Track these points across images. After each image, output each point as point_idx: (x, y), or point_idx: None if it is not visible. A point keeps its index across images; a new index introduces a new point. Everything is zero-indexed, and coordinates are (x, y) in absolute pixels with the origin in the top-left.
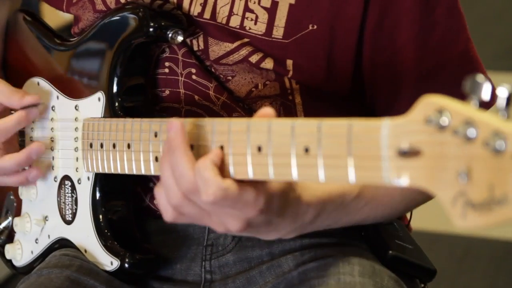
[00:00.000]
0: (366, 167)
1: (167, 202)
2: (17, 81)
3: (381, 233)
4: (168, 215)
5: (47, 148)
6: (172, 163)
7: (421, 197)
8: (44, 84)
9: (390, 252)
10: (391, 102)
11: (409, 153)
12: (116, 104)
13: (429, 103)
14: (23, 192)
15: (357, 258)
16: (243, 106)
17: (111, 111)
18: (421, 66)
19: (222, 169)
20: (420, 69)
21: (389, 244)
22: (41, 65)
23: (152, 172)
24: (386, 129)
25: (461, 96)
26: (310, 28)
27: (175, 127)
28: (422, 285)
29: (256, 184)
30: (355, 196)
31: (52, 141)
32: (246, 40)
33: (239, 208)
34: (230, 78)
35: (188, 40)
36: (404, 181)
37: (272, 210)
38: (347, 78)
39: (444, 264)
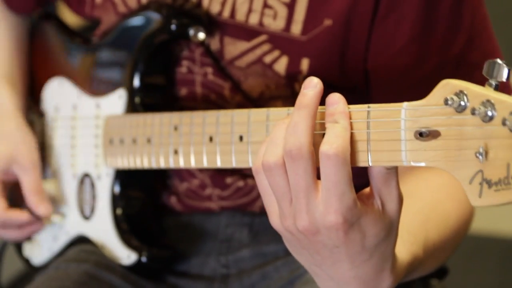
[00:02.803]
0: (385, 150)
1: (263, 155)
2: (40, 82)
3: None
4: (255, 164)
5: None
6: (294, 121)
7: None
8: (66, 83)
9: None
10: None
11: (427, 135)
12: (137, 100)
13: (448, 86)
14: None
15: None
16: (256, 106)
17: (131, 108)
18: (420, 67)
19: None
20: (422, 68)
21: None
22: (64, 65)
23: (171, 165)
24: (404, 112)
25: None
26: (326, 23)
27: (314, 85)
28: (435, 283)
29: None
30: (422, 255)
31: (73, 139)
32: (263, 38)
33: (339, 191)
34: (243, 80)
35: (206, 39)
36: (422, 163)
37: (349, 240)
38: (359, 75)
39: (453, 262)
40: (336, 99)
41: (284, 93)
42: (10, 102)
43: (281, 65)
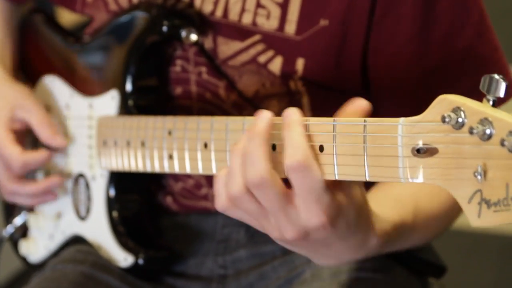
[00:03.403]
0: (383, 165)
1: (224, 190)
2: (32, 79)
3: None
4: (220, 203)
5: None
6: (247, 149)
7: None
8: (58, 82)
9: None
10: (395, 100)
11: (425, 152)
12: (130, 102)
13: (445, 102)
14: None
15: None
16: (252, 105)
17: (125, 109)
18: (423, 64)
19: None
20: (423, 67)
21: None
22: (56, 63)
23: (166, 170)
24: (401, 128)
25: (463, 93)
26: (322, 23)
27: (264, 117)
28: (433, 281)
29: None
30: (411, 223)
31: (66, 139)
32: (257, 38)
33: (312, 200)
34: (237, 79)
35: (200, 39)
36: (420, 180)
37: (337, 230)
38: (355, 76)
39: (451, 258)
40: (290, 112)
41: (280, 91)
42: (1, 69)
43: (276, 65)
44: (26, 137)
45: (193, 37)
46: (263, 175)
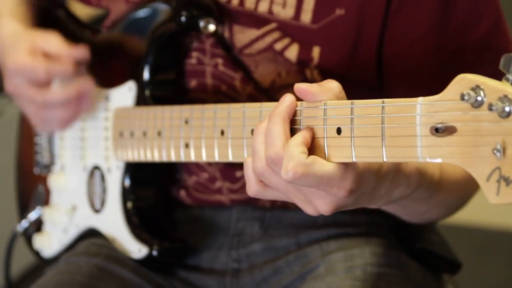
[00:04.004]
0: (401, 146)
1: (252, 171)
2: None
3: (408, 224)
4: (251, 187)
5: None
6: (268, 128)
7: (472, 193)
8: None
9: (419, 244)
10: (409, 91)
11: (444, 131)
12: (147, 93)
13: (464, 81)
14: (52, 182)
15: (384, 249)
16: (267, 96)
17: (141, 100)
18: (439, 54)
19: (315, 151)
20: (439, 57)
21: (417, 236)
22: None
23: (182, 159)
24: (420, 108)
25: None
26: (338, 12)
27: (287, 99)
28: (447, 278)
29: (345, 165)
30: (438, 177)
31: (82, 131)
32: (273, 25)
33: (324, 188)
34: (253, 69)
35: (219, 29)
36: (438, 159)
37: (363, 190)
38: (370, 67)
39: (465, 255)
40: (283, 99)
41: (295, 80)
42: (22, 27)
43: (292, 52)
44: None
45: (211, 27)
46: (279, 152)
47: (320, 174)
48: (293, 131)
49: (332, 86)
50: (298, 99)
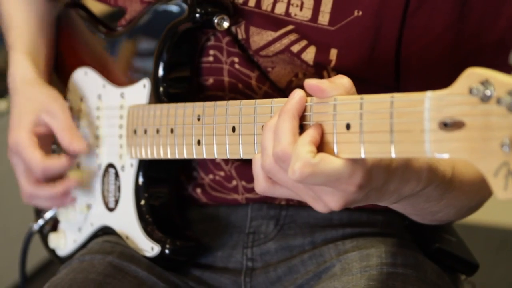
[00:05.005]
0: (409, 141)
1: (261, 167)
2: (66, 71)
3: (424, 224)
4: (259, 184)
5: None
6: (277, 125)
7: (486, 197)
8: (91, 73)
9: (436, 244)
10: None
11: (452, 125)
12: (161, 90)
13: (473, 75)
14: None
15: (400, 248)
16: (284, 96)
17: (155, 98)
18: (456, 53)
19: (324, 147)
20: (455, 56)
21: (434, 236)
22: (89, 55)
23: (194, 155)
24: (428, 102)
25: None
26: (356, 14)
27: (297, 95)
28: (463, 278)
29: (354, 160)
30: (449, 179)
31: (97, 129)
32: (290, 27)
33: (334, 185)
34: (270, 69)
35: (233, 28)
36: (446, 154)
37: (372, 185)
38: (389, 68)
39: (480, 255)
40: (293, 95)
41: None
42: (32, 72)
43: (310, 55)
44: (52, 142)
45: (225, 24)
46: (286, 149)
47: (327, 173)
48: (302, 128)
49: (343, 81)
50: (309, 94)
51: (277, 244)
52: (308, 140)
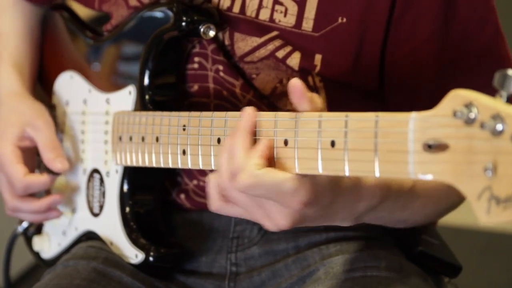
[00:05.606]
0: (392, 161)
1: (215, 186)
2: (52, 74)
3: (407, 227)
4: (213, 203)
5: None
6: (231, 143)
7: (458, 199)
8: (77, 77)
9: (419, 248)
10: (409, 97)
11: (436, 147)
12: (147, 97)
13: (457, 97)
14: (52, 184)
15: (384, 252)
16: (268, 103)
17: (141, 105)
18: (441, 60)
19: (273, 162)
20: (440, 63)
21: (416, 239)
22: (75, 59)
23: (179, 165)
24: (413, 123)
25: (480, 90)
26: (340, 21)
27: (248, 113)
28: (447, 281)
29: (301, 176)
30: (409, 189)
31: (83, 134)
32: (275, 33)
33: (279, 200)
34: (254, 76)
35: (219, 34)
36: (429, 176)
37: (319, 203)
38: (373, 74)
39: (465, 258)
40: (244, 113)
41: None
42: (18, 85)
43: (295, 60)
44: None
45: (211, 33)
46: (238, 166)
47: (269, 184)
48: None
49: (318, 101)
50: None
51: (261, 249)
52: (258, 154)
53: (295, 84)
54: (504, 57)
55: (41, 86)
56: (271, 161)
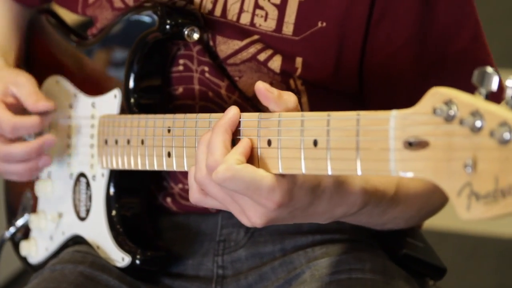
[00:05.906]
0: (374, 159)
1: (194, 178)
2: (38, 79)
3: (392, 230)
4: (192, 194)
5: (64, 146)
6: (211, 138)
7: (440, 202)
8: (63, 82)
9: (403, 250)
10: (387, 101)
11: (416, 145)
12: (132, 101)
13: (437, 94)
14: (39, 189)
15: (369, 254)
16: (252, 105)
17: (126, 108)
18: (419, 65)
19: (256, 163)
20: (418, 68)
21: (401, 242)
22: (61, 63)
23: (164, 167)
24: (394, 121)
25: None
26: (320, 25)
27: (230, 111)
28: (432, 283)
29: (279, 177)
30: (393, 194)
31: (69, 138)
32: (256, 37)
33: (254, 198)
34: (237, 78)
35: (204, 36)
36: (410, 173)
37: (295, 205)
38: (353, 77)
39: (452, 261)
40: (227, 110)
41: (280, 89)
42: (3, 62)
43: (276, 63)
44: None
45: (195, 36)
46: (218, 160)
47: (246, 180)
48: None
49: (290, 99)
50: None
51: (248, 252)
52: (239, 151)
53: (257, 87)
54: (484, 61)
55: None
56: (255, 162)
